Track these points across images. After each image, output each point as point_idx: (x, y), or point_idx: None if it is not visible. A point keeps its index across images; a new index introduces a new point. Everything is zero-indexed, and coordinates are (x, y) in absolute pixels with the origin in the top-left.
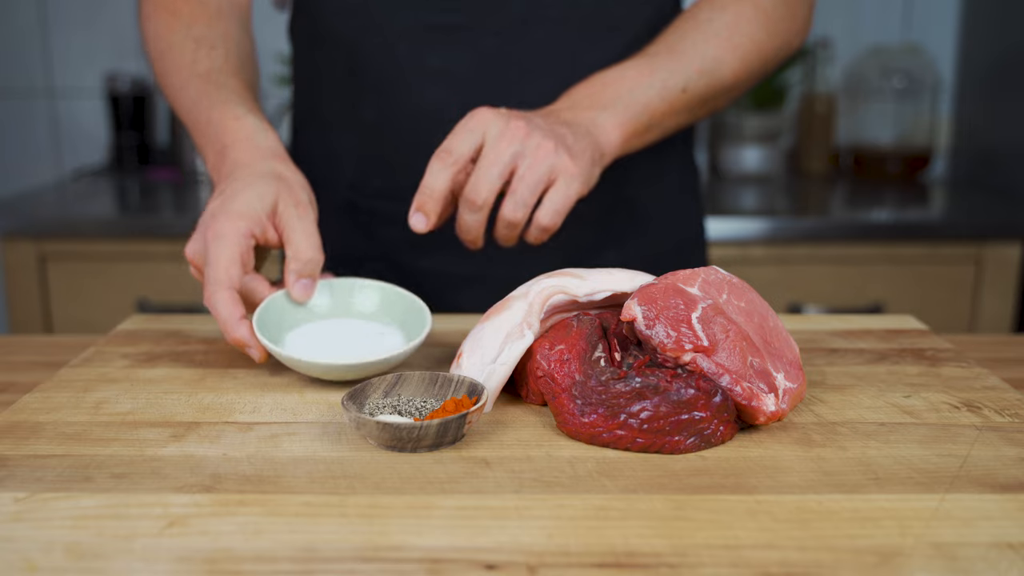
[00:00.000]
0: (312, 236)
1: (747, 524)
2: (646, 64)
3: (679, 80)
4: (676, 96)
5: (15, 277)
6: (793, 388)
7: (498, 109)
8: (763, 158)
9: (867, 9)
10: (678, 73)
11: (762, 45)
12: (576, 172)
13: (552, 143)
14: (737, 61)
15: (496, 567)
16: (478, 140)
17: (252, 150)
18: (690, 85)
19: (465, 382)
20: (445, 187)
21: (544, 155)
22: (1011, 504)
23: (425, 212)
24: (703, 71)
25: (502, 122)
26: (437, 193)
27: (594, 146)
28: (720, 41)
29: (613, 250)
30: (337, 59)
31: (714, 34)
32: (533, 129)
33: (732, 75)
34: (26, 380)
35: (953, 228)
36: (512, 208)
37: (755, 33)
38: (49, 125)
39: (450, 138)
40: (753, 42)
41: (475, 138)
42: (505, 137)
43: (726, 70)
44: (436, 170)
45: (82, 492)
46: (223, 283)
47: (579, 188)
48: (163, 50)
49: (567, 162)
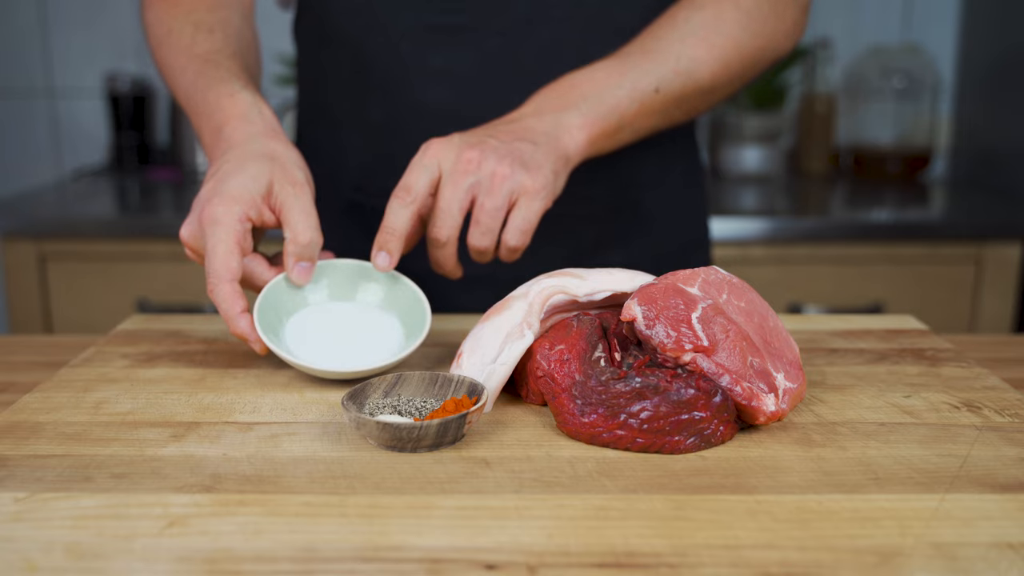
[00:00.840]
0: (310, 216)
1: (747, 524)
2: (616, 64)
3: (651, 80)
4: (648, 97)
5: (15, 277)
6: (793, 388)
7: (450, 138)
8: (763, 158)
9: (867, 9)
10: (651, 73)
11: (742, 45)
12: (536, 189)
13: (507, 167)
14: (715, 61)
15: (496, 567)
16: (434, 174)
17: (246, 128)
18: (663, 86)
19: (465, 382)
20: (406, 225)
21: (500, 181)
22: (1011, 504)
23: (388, 251)
24: (678, 71)
25: (454, 154)
26: (399, 232)
27: (556, 153)
28: (697, 41)
29: (617, 250)
30: (343, 59)
31: (691, 33)
32: (487, 156)
33: (710, 76)
34: (26, 380)
35: (953, 228)
36: (478, 237)
37: (735, 33)
38: (49, 125)
39: (407, 175)
40: (733, 42)
41: (431, 173)
42: (458, 170)
43: (703, 70)
44: (396, 208)
45: (82, 492)
46: (223, 276)
47: (541, 205)
48: (162, 36)
49: (526, 182)
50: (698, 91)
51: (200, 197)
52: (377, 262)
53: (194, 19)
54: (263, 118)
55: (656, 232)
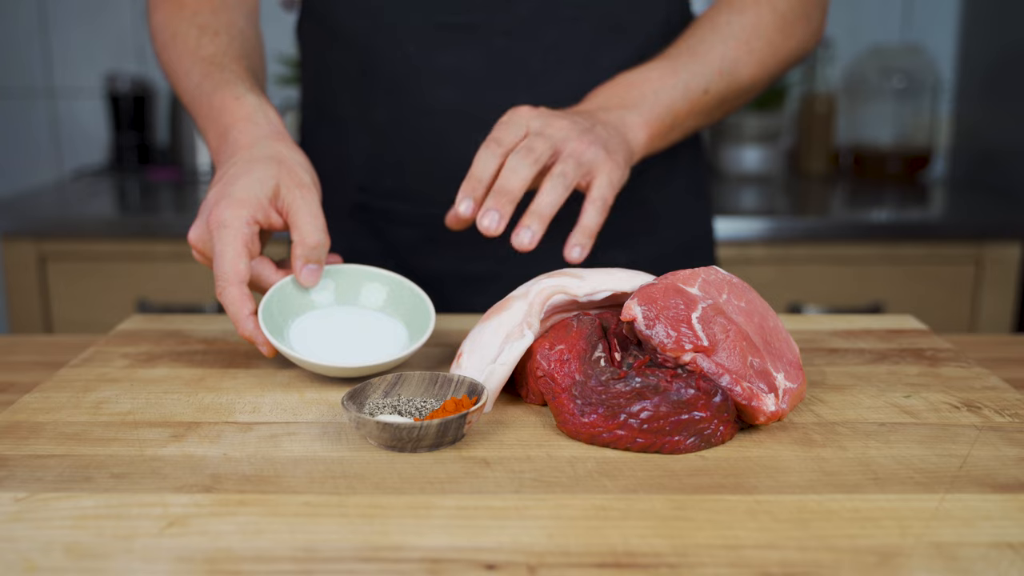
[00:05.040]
0: (317, 218)
1: (747, 524)
2: (669, 66)
3: (701, 82)
4: (698, 97)
5: (15, 277)
6: (793, 388)
7: (538, 108)
8: (763, 158)
9: (867, 9)
10: (700, 75)
11: (778, 47)
12: (613, 166)
13: (588, 142)
14: (755, 63)
15: (496, 567)
16: (522, 132)
17: (252, 131)
18: (711, 87)
19: (465, 382)
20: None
21: (585, 147)
22: (1011, 504)
23: (475, 199)
24: (723, 72)
25: (543, 120)
26: (486, 180)
27: (625, 145)
28: (738, 44)
29: (622, 250)
30: (348, 60)
31: (732, 37)
32: (575, 125)
33: (750, 77)
34: (26, 380)
35: (953, 228)
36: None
37: (772, 36)
38: (49, 125)
39: (496, 130)
40: (770, 44)
41: (519, 131)
42: (552, 125)
43: (744, 72)
44: (485, 156)
45: (82, 492)
46: (231, 279)
47: (621, 178)
48: (167, 39)
49: (606, 159)
50: (738, 92)
51: (207, 200)
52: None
53: (199, 22)
54: (269, 121)
55: (661, 232)
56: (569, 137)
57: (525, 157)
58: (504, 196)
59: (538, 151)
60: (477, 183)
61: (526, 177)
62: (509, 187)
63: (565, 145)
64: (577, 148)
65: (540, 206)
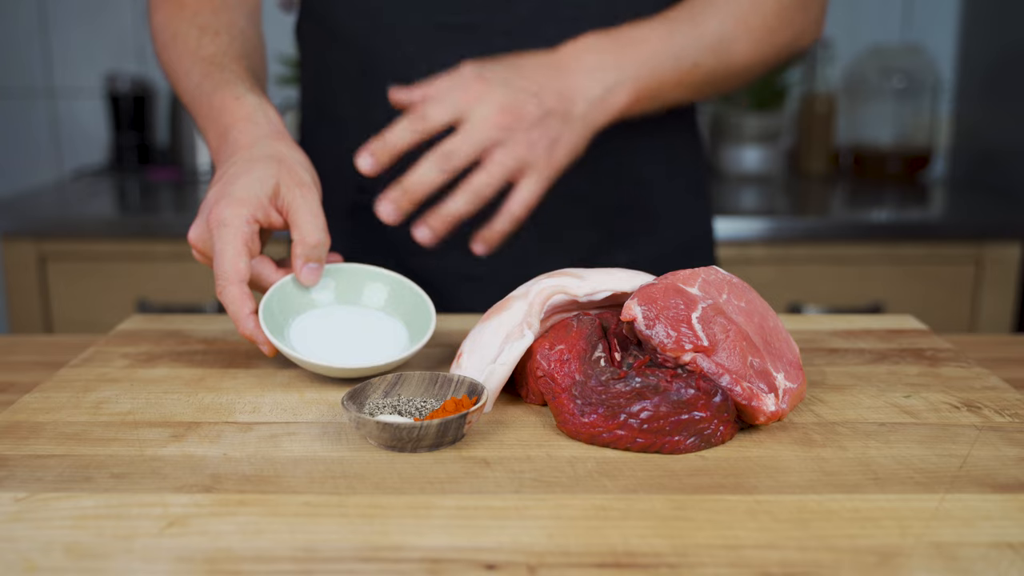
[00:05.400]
0: (317, 217)
1: (747, 524)
2: (666, 30)
3: (692, 54)
4: (687, 68)
5: (15, 277)
6: (793, 388)
7: (490, 86)
8: (763, 158)
9: (867, 9)
10: (691, 47)
11: (774, 32)
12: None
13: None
14: (750, 44)
15: (496, 567)
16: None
17: (252, 130)
18: (701, 61)
19: (465, 382)
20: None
21: (524, 149)
22: (1011, 504)
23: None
24: (716, 50)
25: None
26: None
27: (590, 125)
28: (736, 22)
29: (622, 250)
30: (347, 60)
31: (731, 15)
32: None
33: (742, 58)
34: (26, 380)
35: (953, 228)
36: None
37: (770, 19)
38: (49, 125)
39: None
40: (766, 27)
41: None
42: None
43: (739, 51)
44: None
45: (82, 492)
46: (231, 278)
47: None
48: (168, 39)
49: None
50: (729, 72)
51: (207, 200)
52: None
53: (199, 22)
54: (269, 120)
55: (661, 231)
56: (503, 140)
57: (441, 163)
58: (406, 195)
59: (456, 159)
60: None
61: (432, 183)
62: (413, 189)
63: (494, 153)
64: (507, 155)
65: (446, 210)
